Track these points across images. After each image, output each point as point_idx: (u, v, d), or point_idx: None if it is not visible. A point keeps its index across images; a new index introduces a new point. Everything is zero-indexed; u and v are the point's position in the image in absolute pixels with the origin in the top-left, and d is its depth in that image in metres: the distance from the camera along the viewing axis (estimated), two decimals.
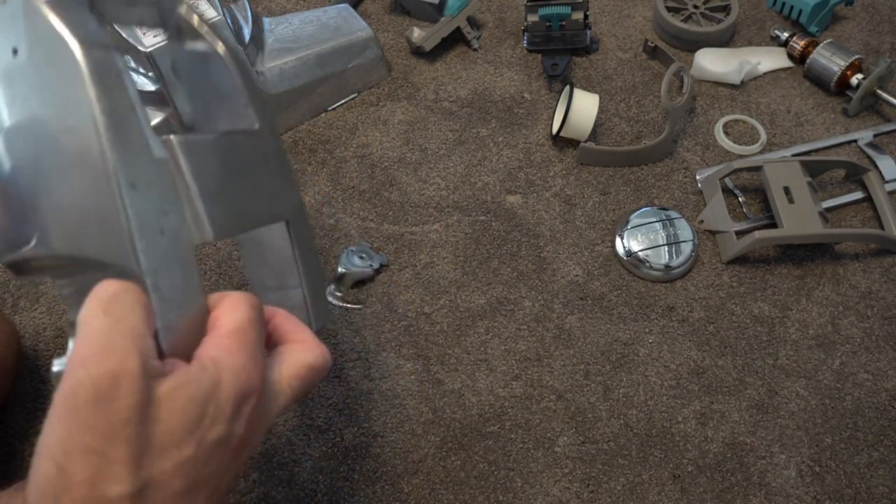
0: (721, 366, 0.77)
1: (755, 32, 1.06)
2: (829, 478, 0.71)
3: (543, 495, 0.70)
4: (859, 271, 0.83)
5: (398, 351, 0.78)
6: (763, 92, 0.99)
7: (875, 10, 1.08)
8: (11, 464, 0.71)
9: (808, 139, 0.94)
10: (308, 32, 0.96)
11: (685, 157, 0.93)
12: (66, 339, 0.78)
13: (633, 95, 0.99)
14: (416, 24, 1.05)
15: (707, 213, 0.86)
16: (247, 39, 0.91)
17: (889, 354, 0.78)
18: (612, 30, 1.06)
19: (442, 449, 0.72)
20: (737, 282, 0.83)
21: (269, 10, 1.09)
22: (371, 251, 0.83)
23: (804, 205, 0.81)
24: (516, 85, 1.00)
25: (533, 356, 0.78)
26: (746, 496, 0.70)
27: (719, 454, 0.72)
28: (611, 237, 0.86)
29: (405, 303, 0.81)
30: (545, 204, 0.89)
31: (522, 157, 0.93)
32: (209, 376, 0.32)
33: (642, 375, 0.76)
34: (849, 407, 0.74)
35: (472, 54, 1.04)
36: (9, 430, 0.73)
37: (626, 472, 0.71)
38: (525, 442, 0.73)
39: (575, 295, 0.82)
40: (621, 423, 0.74)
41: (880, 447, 0.72)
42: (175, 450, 0.30)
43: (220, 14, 0.88)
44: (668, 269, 0.82)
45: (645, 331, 0.79)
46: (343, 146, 0.94)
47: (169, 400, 0.30)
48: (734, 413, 0.74)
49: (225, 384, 0.33)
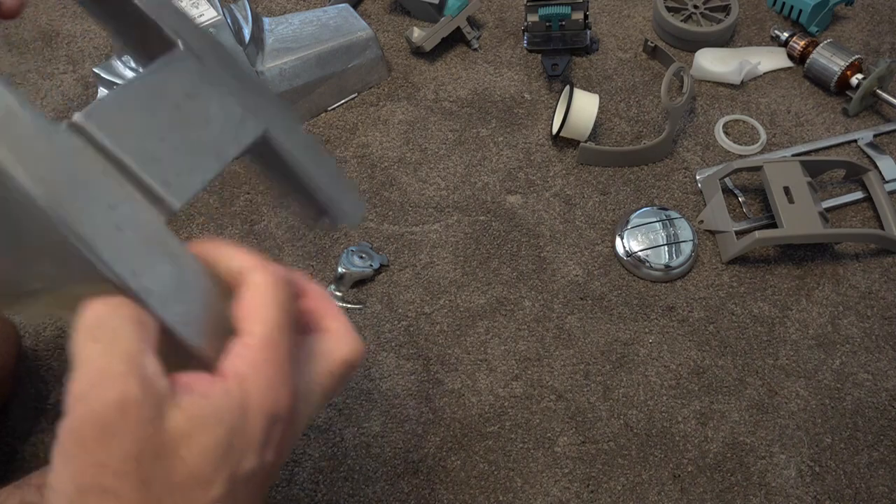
0: (721, 366, 0.77)
1: (755, 32, 1.06)
2: (829, 478, 0.71)
3: (543, 495, 0.70)
4: (859, 271, 0.83)
5: (398, 351, 0.78)
6: (763, 92, 0.99)
7: (875, 10, 1.08)
8: (11, 464, 0.71)
9: (808, 139, 0.94)
10: (308, 32, 0.96)
11: (685, 157, 0.93)
12: (65, 339, 0.78)
13: (633, 95, 0.99)
14: (416, 24, 1.05)
15: (707, 213, 0.86)
16: (247, 39, 0.91)
17: (889, 354, 0.78)
18: (612, 30, 1.06)
19: (442, 449, 0.72)
20: (737, 282, 0.83)
21: (269, 10, 1.09)
22: (371, 251, 0.83)
23: (804, 205, 0.81)
24: (516, 85, 1.00)
25: (533, 356, 0.78)
26: (746, 496, 0.70)
27: (719, 454, 0.72)
28: (611, 237, 0.86)
29: (405, 303, 0.81)
30: (545, 204, 0.89)
31: (522, 157, 0.93)
32: (235, 401, 0.28)
33: (642, 375, 0.76)
34: (849, 407, 0.74)
35: (472, 54, 1.04)
36: (9, 430, 0.73)
37: (626, 472, 0.71)
38: (525, 442, 0.73)
39: (575, 295, 0.82)
40: (621, 423, 0.74)
41: (880, 447, 0.72)
42: (201, 491, 0.27)
43: (220, 14, 0.88)
44: (668, 269, 0.82)
45: (645, 331, 0.79)
46: (343, 146, 0.94)
47: (188, 433, 0.27)
48: (734, 413, 0.74)
49: (253, 408, 0.28)
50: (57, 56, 1.03)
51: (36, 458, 0.72)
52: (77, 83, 1.00)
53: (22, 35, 1.06)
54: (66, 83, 1.00)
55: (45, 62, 1.03)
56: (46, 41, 1.05)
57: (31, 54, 1.04)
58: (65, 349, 0.79)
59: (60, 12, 1.08)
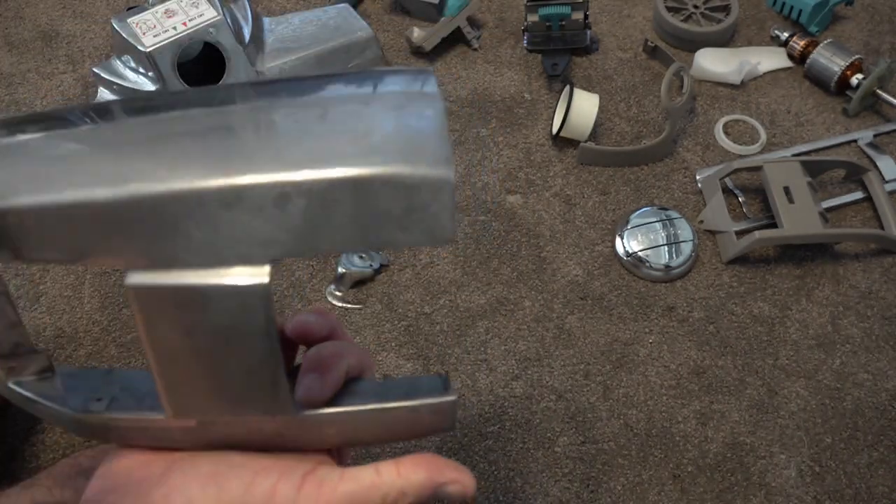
0: (721, 366, 0.77)
1: (755, 32, 1.06)
2: (829, 478, 0.71)
3: (543, 495, 0.70)
4: (859, 271, 0.83)
5: (398, 351, 0.78)
6: (763, 92, 0.99)
7: (875, 10, 1.08)
8: (12, 464, 0.71)
9: (808, 139, 0.94)
10: (308, 32, 0.96)
11: (685, 157, 0.93)
12: (65, 340, 0.78)
13: (633, 95, 0.99)
14: (416, 24, 1.05)
15: (707, 213, 0.86)
16: (247, 39, 0.91)
17: (889, 354, 0.78)
18: (612, 30, 1.06)
19: (442, 449, 0.72)
20: (737, 282, 0.83)
21: (269, 10, 1.09)
22: (371, 251, 0.83)
23: (804, 205, 0.81)
24: (516, 85, 1.00)
25: (533, 356, 0.78)
26: (746, 496, 0.70)
27: (719, 454, 0.72)
28: (611, 237, 0.86)
29: (405, 303, 0.81)
30: (545, 204, 0.89)
31: (522, 157, 0.93)
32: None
33: (642, 375, 0.76)
34: (849, 407, 0.74)
35: (472, 54, 1.04)
36: (9, 429, 0.73)
37: (626, 472, 0.71)
38: (525, 442, 0.73)
39: (575, 295, 0.82)
40: (621, 423, 0.74)
41: (880, 447, 0.72)
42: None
43: (220, 14, 0.88)
44: (668, 269, 0.82)
45: (645, 331, 0.79)
46: None
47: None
48: (734, 413, 0.74)
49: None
50: (57, 56, 1.03)
51: (36, 457, 0.72)
52: (77, 83, 1.00)
53: (22, 35, 1.06)
54: (66, 83, 1.00)
55: (45, 62, 1.03)
56: (46, 41, 1.05)
57: (31, 54, 1.04)
58: (64, 349, 0.79)
59: (60, 12, 1.08)
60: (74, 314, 0.81)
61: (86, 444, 0.71)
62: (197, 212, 0.28)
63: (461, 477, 0.34)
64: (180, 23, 0.87)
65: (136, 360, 0.77)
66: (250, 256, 0.29)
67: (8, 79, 1.00)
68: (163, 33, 0.86)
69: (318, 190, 0.28)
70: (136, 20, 0.87)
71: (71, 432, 0.35)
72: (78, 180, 0.28)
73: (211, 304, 0.29)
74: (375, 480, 0.33)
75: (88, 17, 1.07)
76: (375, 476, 0.33)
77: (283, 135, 0.30)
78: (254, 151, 0.29)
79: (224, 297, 0.29)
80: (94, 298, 0.82)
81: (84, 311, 0.81)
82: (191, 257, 0.29)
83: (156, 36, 0.86)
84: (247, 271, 0.29)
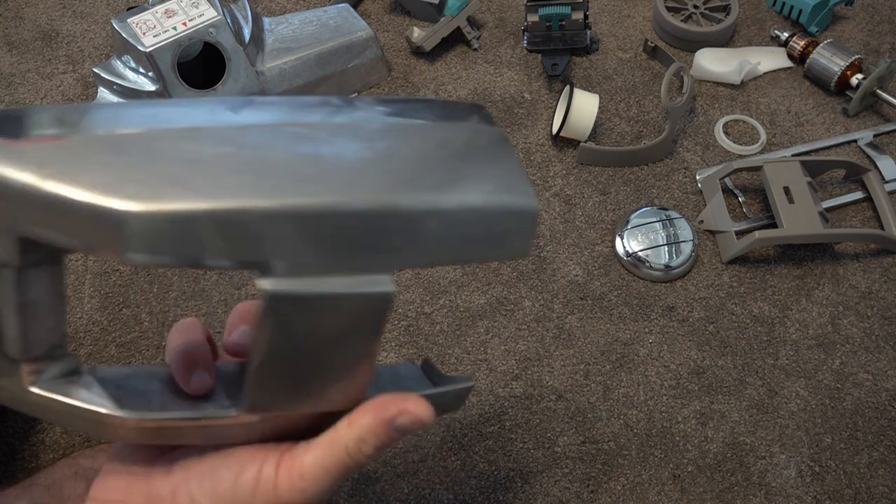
0: (721, 366, 0.77)
1: (755, 32, 1.06)
2: (829, 478, 0.71)
3: (543, 495, 0.70)
4: (859, 271, 0.83)
5: (398, 351, 0.78)
6: (763, 92, 0.99)
7: (875, 10, 1.08)
8: (11, 464, 0.71)
9: (808, 139, 0.94)
10: (308, 32, 0.96)
11: (685, 157, 0.93)
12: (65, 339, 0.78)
13: (633, 95, 0.99)
14: (416, 24, 1.05)
15: (707, 213, 0.86)
16: (247, 39, 0.91)
17: (889, 354, 0.78)
18: (612, 30, 1.06)
19: (442, 449, 0.72)
20: (737, 282, 0.83)
21: (269, 10, 1.09)
22: None
23: (804, 205, 0.81)
24: (516, 85, 1.00)
25: (533, 356, 0.78)
26: (746, 496, 0.70)
27: (719, 454, 0.72)
28: (611, 237, 0.86)
29: (405, 303, 0.81)
30: (545, 204, 0.89)
31: (522, 157, 0.93)
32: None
33: (642, 375, 0.76)
34: (849, 407, 0.74)
35: (472, 54, 1.04)
36: (9, 430, 0.73)
37: (626, 472, 0.71)
38: (525, 442, 0.73)
39: (575, 295, 0.82)
40: (621, 423, 0.74)
41: (880, 447, 0.72)
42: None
43: (220, 14, 0.88)
44: (668, 269, 0.82)
45: (645, 331, 0.79)
46: None
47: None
48: (734, 413, 0.74)
49: None
50: (57, 56, 1.03)
51: (36, 458, 0.72)
52: (77, 83, 1.00)
53: (22, 35, 1.06)
54: (66, 83, 1.00)
55: (45, 62, 1.03)
56: (46, 41, 1.05)
57: (31, 54, 1.04)
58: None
59: (60, 12, 1.08)
60: (74, 314, 0.81)
61: (85, 444, 0.71)
62: (390, 224, 0.31)
63: (409, 406, 0.34)
64: (180, 23, 0.87)
65: (136, 360, 0.77)
66: (383, 266, 0.32)
67: (8, 79, 1.00)
68: (163, 33, 0.86)
69: (451, 212, 0.32)
70: (136, 20, 0.87)
71: (107, 438, 0.35)
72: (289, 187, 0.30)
73: (344, 309, 0.32)
74: (333, 437, 0.34)
75: (88, 17, 1.07)
76: (333, 433, 0.35)
77: (427, 162, 0.35)
78: (411, 175, 0.33)
79: (358, 302, 0.32)
80: (94, 298, 0.81)
81: (84, 311, 0.81)
82: (334, 265, 0.31)
83: (156, 36, 0.86)
84: (379, 279, 0.32)
